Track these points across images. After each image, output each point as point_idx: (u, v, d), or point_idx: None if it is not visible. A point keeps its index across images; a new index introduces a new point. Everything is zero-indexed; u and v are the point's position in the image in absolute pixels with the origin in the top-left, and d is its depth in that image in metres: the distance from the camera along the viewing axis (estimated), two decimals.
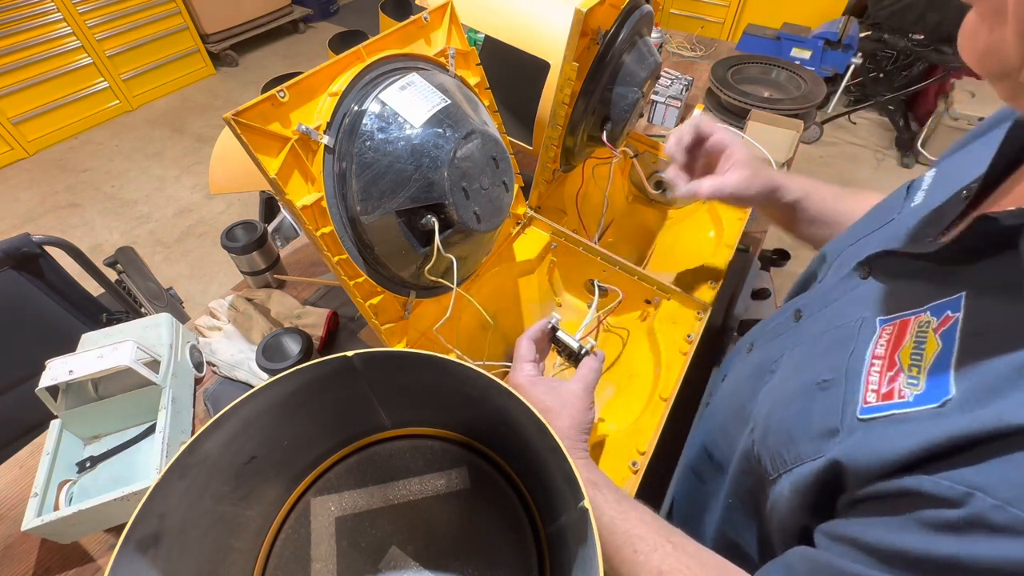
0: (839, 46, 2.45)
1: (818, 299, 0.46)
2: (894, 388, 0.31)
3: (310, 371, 0.41)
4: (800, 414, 0.37)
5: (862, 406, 0.32)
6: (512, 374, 0.52)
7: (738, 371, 0.54)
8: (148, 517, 0.34)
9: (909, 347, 0.32)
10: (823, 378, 0.37)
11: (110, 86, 2.91)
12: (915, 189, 0.45)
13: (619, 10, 0.69)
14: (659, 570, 0.37)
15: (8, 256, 0.92)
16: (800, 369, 0.41)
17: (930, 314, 0.32)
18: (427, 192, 0.50)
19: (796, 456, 0.36)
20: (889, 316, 0.35)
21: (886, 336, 0.34)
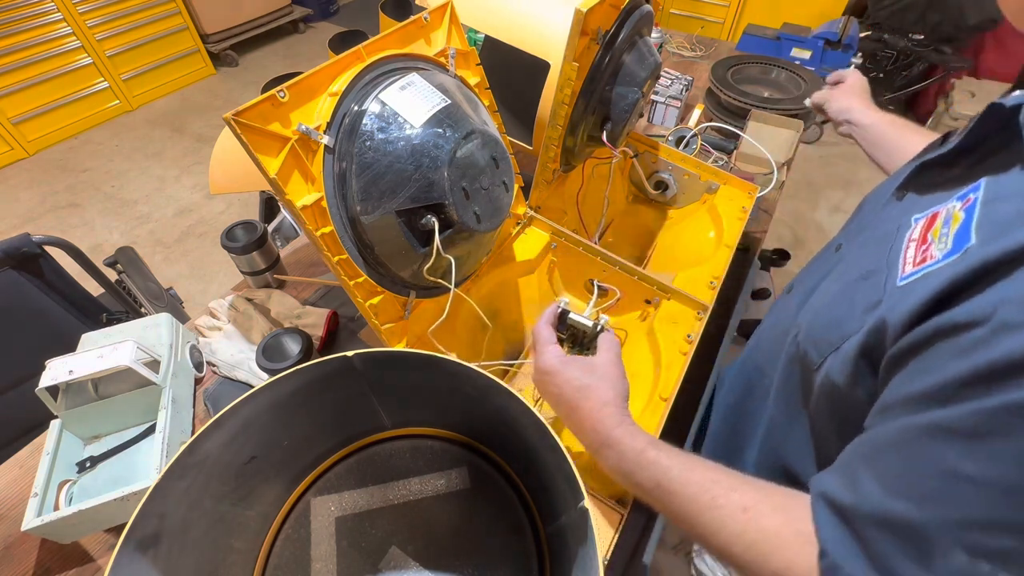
0: (839, 46, 2.44)
1: (855, 230, 0.52)
2: (927, 254, 0.35)
3: (310, 371, 0.41)
4: (846, 303, 0.41)
5: (901, 275, 0.36)
6: (539, 359, 0.51)
7: (780, 308, 0.62)
8: (148, 517, 0.34)
9: (938, 226, 0.36)
10: (866, 270, 0.41)
11: (110, 86, 2.91)
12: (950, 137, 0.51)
13: (619, 10, 0.69)
14: (743, 507, 0.38)
15: (8, 256, 0.92)
16: (842, 275, 0.46)
17: (956, 200, 0.36)
18: (427, 192, 0.50)
19: (842, 335, 0.40)
20: (922, 213, 0.39)
21: (920, 226, 0.38)
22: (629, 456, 0.43)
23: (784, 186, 1.10)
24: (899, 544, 0.30)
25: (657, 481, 0.42)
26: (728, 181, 0.93)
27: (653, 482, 0.42)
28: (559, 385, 0.49)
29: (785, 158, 1.09)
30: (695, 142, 1.15)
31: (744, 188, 0.92)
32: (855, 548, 0.32)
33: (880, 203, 0.51)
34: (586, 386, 0.48)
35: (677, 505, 0.40)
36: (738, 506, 0.38)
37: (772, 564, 0.35)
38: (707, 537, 0.39)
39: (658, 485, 0.41)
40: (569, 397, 0.48)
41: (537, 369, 0.51)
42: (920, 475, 0.29)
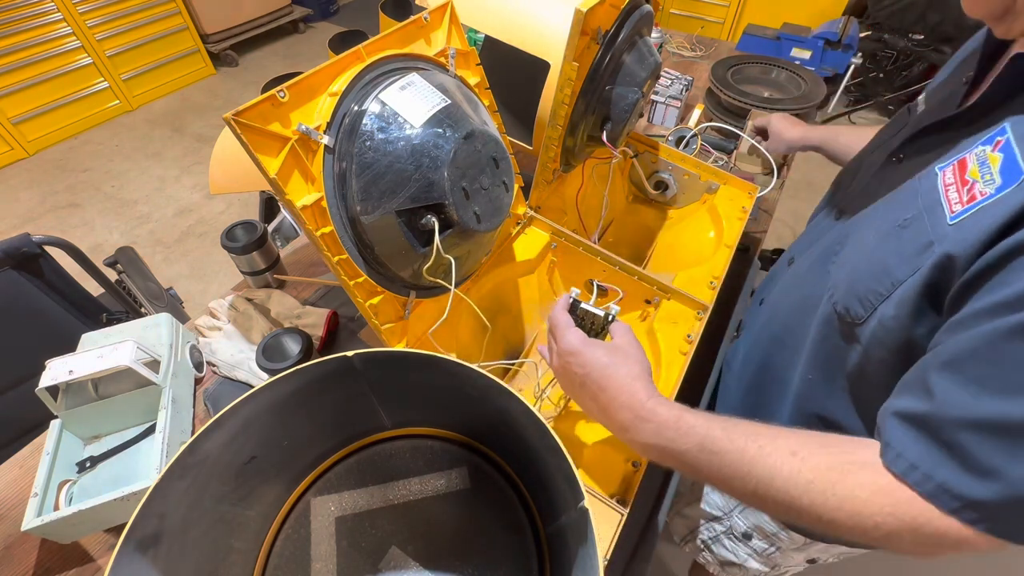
0: (839, 46, 2.45)
1: (858, 195, 0.53)
2: (975, 192, 0.36)
3: (310, 371, 0.41)
4: (890, 251, 0.42)
5: (950, 215, 0.38)
6: (563, 342, 0.50)
7: (785, 279, 0.62)
8: (148, 517, 0.34)
9: (975, 168, 0.37)
10: (903, 218, 0.42)
11: (110, 86, 2.91)
12: (914, 108, 0.54)
13: (619, 10, 0.69)
14: (791, 450, 0.38)
15: (8, 256, 0.92)
16: (874, 231, 0.46)
17: (982, 145, 0.38)
18: (427, 192, 0.50)
19: (893, 282, 0.41)
20: (945, 162, 0.40)
21: (950, 173, 0.39)
22: (669, 424, 0.43)
23: (784, 186, 1.10)
24: (999, 443, 0.30)
25: (701, 443, 0.42)
26: (728, 181, 0.93)
27: (697, 445, 0.42)
28: (584, 364, 0.48)
29: (785, 158, 1.09)
30: (695, 142, 1.15)
31: (744, 188, 0.92)
32: (941, 455, 0.32)
33: (871, 170, 0.52)
34: (613, 363, 0.48)
35: (725, 463, 0.40)
36: (786, 450, 0.38)
37: (838, 493, 0.36)
38: (761, 487, 0.39)
39: (702, 448, 0.41)
40: (597, 376, 0.47)
41: (561, 352, 0.50)
42: (1015, 371, 0.30)
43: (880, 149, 0.55)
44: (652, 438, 0.44)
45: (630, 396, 0.46)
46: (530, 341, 0.80)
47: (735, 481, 0.40)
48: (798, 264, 0.61)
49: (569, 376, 0.50)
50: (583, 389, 0.49)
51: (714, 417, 0.43)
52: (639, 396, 0.45)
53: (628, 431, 0.46)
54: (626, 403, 0.46)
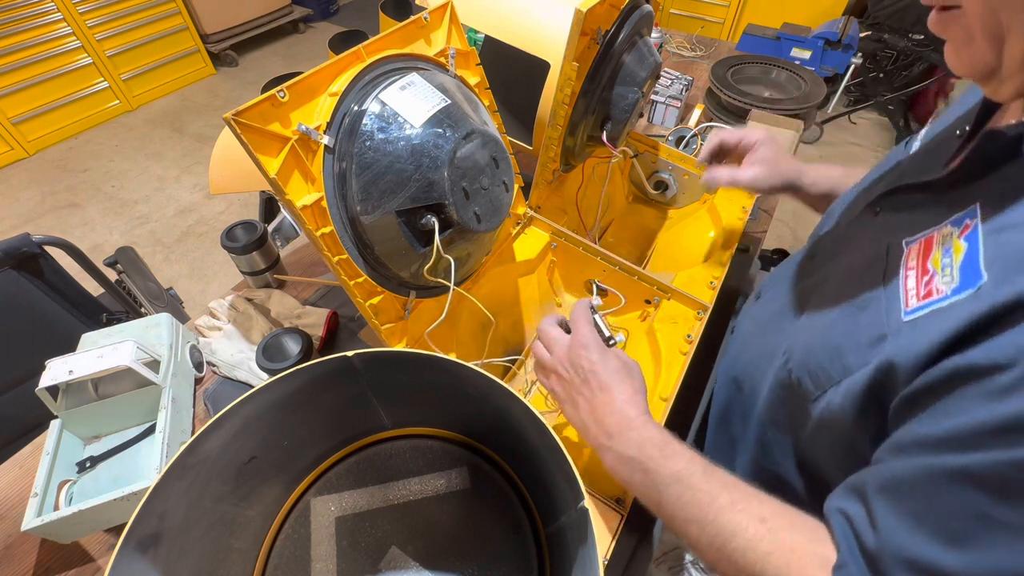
0: (839, 46, 2.45)
1: (832, 242, 0.50)
2: (932, 288, 0.34)
3: (310, 371, 0.41)
4: (845, 332, 0.40)
5: (905, 309, 0.35)
6: (581, 334, 0.50)
7: (752, 317, 0.59)
8: (148, 517, 0.34)
9: (938, 255, 0.35)
10: (861, 298, 0.40)
11: (110, 86, 2.91)
12: (912, 142, 0.51)
13: (619, 10, 0.69)
14: (761, 516, 0.38)
15: (8, 256, 0.92)
16: (835, 298, 0.44)
17: (951, 226, 0.35)
18: (427, 192, 0.50)
19: (844, 368, 0.39)
20: (913, 237, 0.38)
21: (915, 252, 0.37)
22: (655, 442, 0.43)
23: None
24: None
25: (678, 473, 0.41)
26: None
27: (673, 474, 0.41)
28: (594, 362, 0.48)
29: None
30: (695, 142, 1.15)
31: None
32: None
33: (851, 216, 0.49)
34: (621, 371, 0.48)
35: (693, 502, 0.40)
36: (757, 514, 0.38)
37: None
38: (719, 540, 0.38)
39: (678, 478, 0.41)
40: (604, 376, 0.47)
41: (576, 342, 0.50)
42: (950, 519, 0.29)
43: (865, 192, 0.51)
44: (634, 450, 0.44)
45: (627, 404, 0.46)
46: (530, 341, 0.80)
47: (694, 524, 0.40)
48: (765, 304, 0.58)
49: (575, 367, 0.49)
50: (584, 384, 0.48)
51: (699, 455, 0.43)
52: (639, 407, 0.46)
53: (612, 438, 0.45)
54: (620, 410, 0.46)
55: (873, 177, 0.52)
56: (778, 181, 0.67)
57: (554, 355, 0.52)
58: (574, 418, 0.49)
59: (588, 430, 0.48)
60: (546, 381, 0.53)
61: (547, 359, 0.52)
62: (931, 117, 0.59)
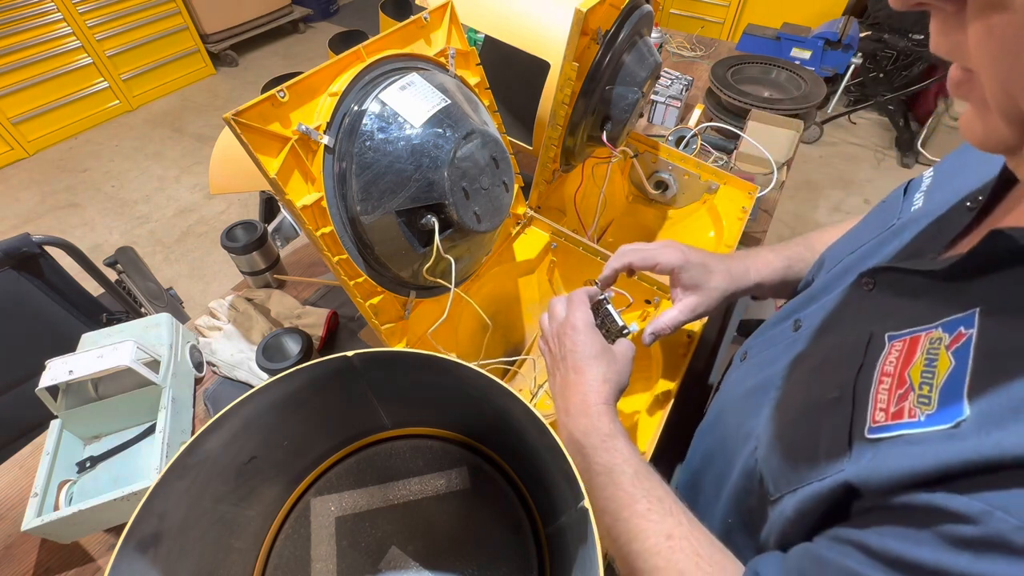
0: (839, 46, 2.45)
1: (819, 310, 0.45)
2: (904, 407, 0.30)
3: (310, 371, 0.41)
4: (806, 435, 0.36)
5: (871, 425, 0.31)
6: (573, 314, 0.51)
7: (734, 381, 0.54)
8: (148, 517, 0.34)
9: (920, 364, 0.31)
10: (830, 396, 0.35)
11: (110, 86, 2.91)
12: (913, 190, 0.45)
13: (619, 10, 0.69)
14: (668, 533, 0.38)
15: (8, 256, 0.92)
16: (806, 387, 0.40)
17: (942, 330, 0.31)
18: (427, 192, 0.50)
19: (801, 477, 0.35)
20: (899, 332, 0.34)
21: (896, 352, 0.33)
22: (602, 432, 0.44)
23: (784, 186, 1.10)
24: None
25: (610, 468, 0.42)
26: (728, 181, 0.93)
27: (606, 466, 0.42)
28: (576, 343, 0.49)
29: (785, 158, 1.09)
30: (695, 142, 1.15)
31: (744, 188, 0.92)
32: None
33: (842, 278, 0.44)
34: (598, 358, 0.49)
35: (613, 497, 0.41)
36: (666, 531, 0.38)
37: None
38: (621, 539, 0.39)
39: (608, 471, 0.42)
40: (579, 358, 0.49)
41: (566, 321, 0.52)
42: None
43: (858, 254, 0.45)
44: (580, 434, 0.45)
45: (591, 390, 0.47)
46: (530, 341, 0.80)
47: (608, 516, 0.41)
48: (748, 367, 0.52)
49: (558, 344, 0.52)
50: (562, 361, 0.51)
51: (639, 458, 0.43)
52: (600, 396, 0.47)
53: (568, 416, 0.47)
54: (583, 392, 0.47)
55: (869, 233, 0.45)
56: (717, 302, 0.57)
57: (551, 328, 0.54)
58: (551, 388, 0.52)
59: (556, 403, 0.50)
60: (543, 348, 0.56)
61: (545, 329, 0.56)
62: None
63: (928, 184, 0.44)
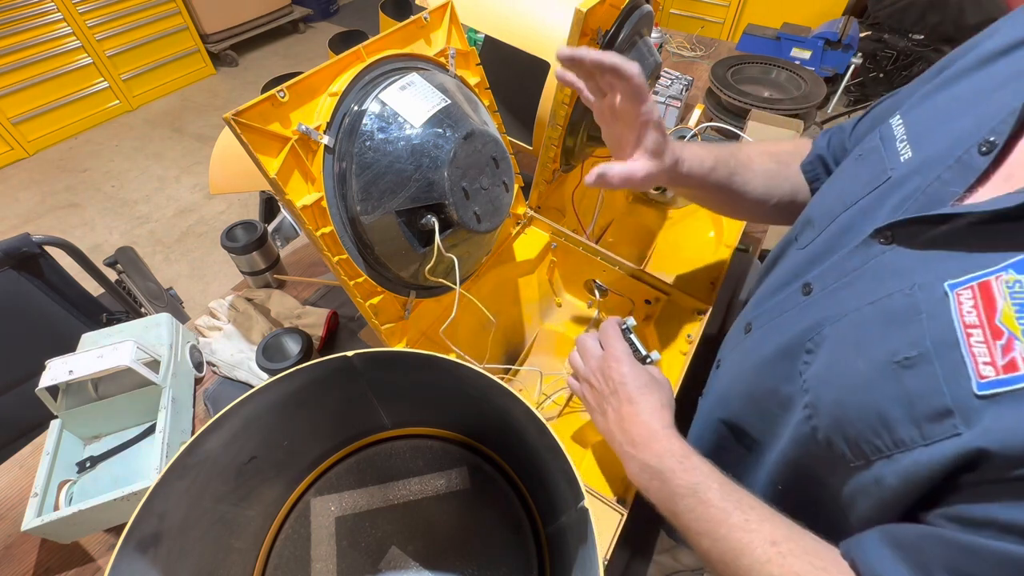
0: (839, 46, 2.45)
1: (832, 271, 0.42)
2: (1015, 358, 0.28)
3: (310, 371, 0.41)
4: (890, 398, 0.34)
5: (978, 381, 0.29)
6: (611, 348, 0.52)
7: (746, 351, 0.52)
8: (148, 517, 0.34)
9: (1010, 311, 0.28)
10: (904, 355, 0.33)
11: (110, 86, 2.91)
12: (890, 139, 0.42)
13: (619, 10, 0.69)
14: (773, 539, 0.37)
15: (8, 256, 0.92)
16: (860, 348, 0.37)
17: (1014, 272, 0.29)
18: (427, 192, 0.50)
19: (895, 441, 0.33)
20: (959, 280, 0.31)
21: (968, 302, 0.30)
22: (676, 453, 0.44)
23: None
24: None
25: (695, 487, 0.41)
26: None
27: (690, 486, 0.41)
28: (624, 375, 0.50)
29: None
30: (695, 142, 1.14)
31: None
32: None
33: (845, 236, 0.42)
34: (649, 385, 0.49)
35: (706, 516, 0.40)
36: (768, 537, 0.37)
37: None
38: (728, 556, 0.38)
39: (694, 491, 0.41)
40: (632, 389, 0.49)
41: (608, 355, 0.52)
42: None
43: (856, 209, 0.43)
44: (654, 460, 0.45)
45: (652, 417, 0.47)
46: (530, 341, 0.80)
47: (706, 538, 0.40)
48: (758, 337, 0.50)
49: (605, 379, 0.51)
50: (613, 396, 0.50)
51: (718, 471, 0.43)
52: (663, 421, 0.47)
53: (636, 447, 0.46)
54: (647, 421, 0.47)
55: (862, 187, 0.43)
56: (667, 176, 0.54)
57: (588, 366, 0.54)
58: (603, 426, 0.51)
59: (614, 438, 0.49)
60: (578, 388, 0.55)
61: (581, 368, 0.55)
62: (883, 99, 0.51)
63: (903, 132, 0.42)
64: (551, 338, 0.81)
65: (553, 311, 0.85)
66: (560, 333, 0.82)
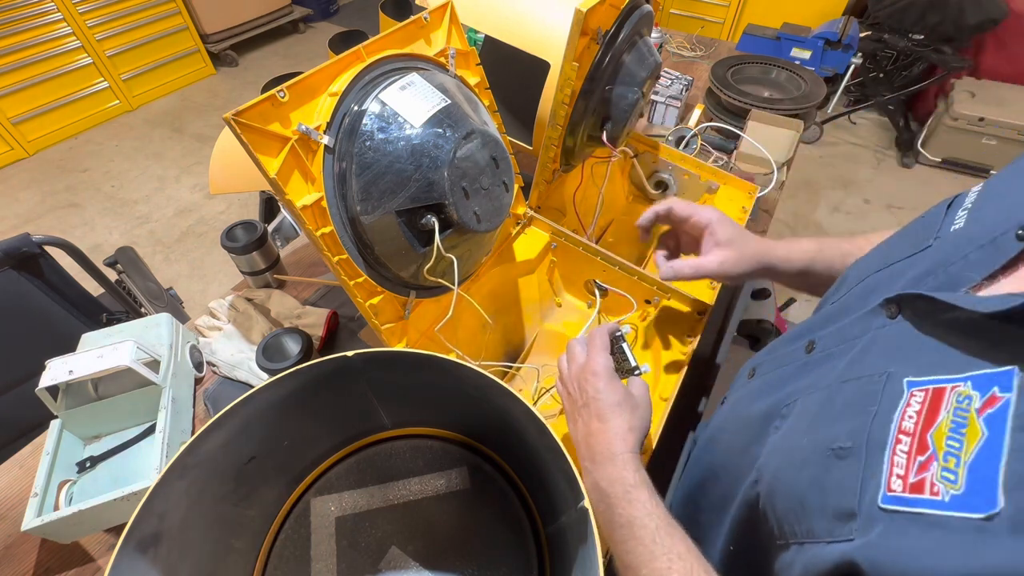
0: (839, 46, 2.45)
1: (836, 334, 0.41)
2: (925, 479, 0.26)
3: (310, 371, 0.41)
4: (813, 483, 0.33)
5: (885, 493, 0.28)
6: (594, 359, 0.51)
7: (740, 400, 0.52)
8: (148, 517, 0.34)
9: (944, 428, 0.27)
10: (840, 444, 0.32)
11: (110, 86, 2.91)
12: (956, 207, 0.38)
13: (619, 10, 0.69)
14: None
15: (8, 256, 0.92)
16: (814, 424, 0.36)
17: (971, 386, 0.27)
18: (427, 192, 0.50)
19: (808, 531, 0.32)
20: (920, 380, 0.30)
21: (915, 405, 0.29)
22: (626, 483, 0.43)
23: (784, 186, 1.10)
24: None
25: (631, 521, 0.41)
26: (728, 181, 0.93)
27: (627, 519, 0.42)
28: (599, 390, 0.49)
29: (785, 158, 1.09)
30: (695, 142, 1.15)
31: (744, 188, 0.92)
32: None
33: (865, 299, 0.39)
34: (622, 405, 0.48)
35: (634, 552, 0.40)
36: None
37: None
38: None
39: (630, 525, 0.41)
40: (603, 406, 0.48)
41: (587, 367, 0.51)
42: None
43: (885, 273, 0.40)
44: (604, 483, 0.44)
45: (616, 438, 0.46)
46: (530, 341, 0.80)
47: (630, 571, 0.40)
48: (755, 386, 0.50)
49: (580, 389, 0.51)
50: (584, 408, 0.50)
51: (663, 512, 0.42)
52: (625, 444, 0.46)
53: (595, 464, 0.46)
54: (609, 441, 0.46)
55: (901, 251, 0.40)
56: (748, 266, 0.58)
57: (570, 372, 0.54)
58: (572, 433, 0.51)
59: (579, 449, 0.49)
60: (561, 390, 0.55)
61: (564, 373, 0.55)
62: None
63: (973, 201, 0.37)
64: (551, 338, 0.81)
65: (553, 311, 0.85)
66: (560, 333, 0.82)
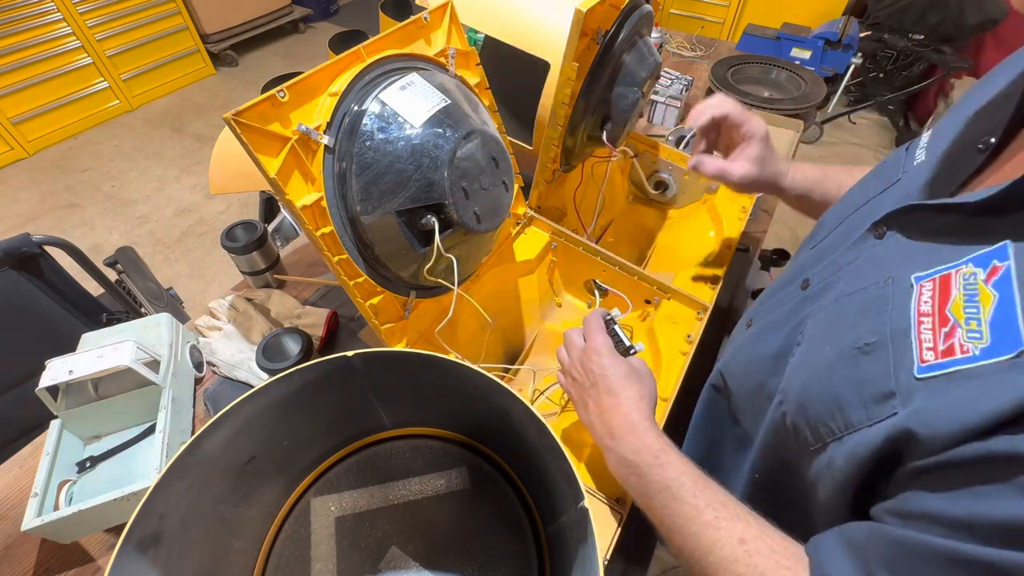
0: (839, 46, 2.45)
1: (829, 266, 0.44)
2: (953, 344, 0.29)
3: (310, 371, 0.41)
4: (846, 381, 0.35)
5: (919, 365, 0.30)
6: (592, 341, 0.52)
7: (742, 346, 0.54)
8: (148, 517, 0.34)
9: (959, 301, 0.30)
10: (864, 342, 0.35)
11: (110, 86, 2.91)
12: (914, 148, 0.44)
13: (619, 10, 0.69)
14: (741, 537, 0.37)
15: (8, 256, 0.92)
16: (831, 336, 0.39)
17: (972, 265, 0.30)
18: (427, 192, 0.50)
19: (846, 423, 0.34)
20: (925, 273, 0.33)
21: (928, 292, 0.32)
22: (652, 448, 0.44)
23: None
24: None
25: (668, 483, 0.42)
26: None
27: (663, 482, 0.42)
28: (604, 367, 0.50)
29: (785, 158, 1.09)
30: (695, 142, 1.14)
31: None
32: None
33: (850, 234, 0.43)
34: (629, 376, 0.49)
35: (678, 513, 0.40)
36: (737, 535, 0.37)
37: None
38: (697, 554, 0.39)
39: (667, 487, 0.41)
40: (612, 381, 0.49)
41: (589, 348, 0.52)
42: None
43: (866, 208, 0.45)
44: (631, 454, 0.45)
45: (631, 409, 0.47)
46: (530, 341, 0.80)
47: (678, 534, 0.40)
48: (756, 332, 0.52)
49: (586, 372, 0.52)
50: (593, 388, 0.50)
51: (693, 467, 0.43)
52: (642, 413, 0.47)
53: (614, 439, 0.47)
54: (625, 413, 0.47)
55: (874, 189, 0.45)
56: (762, 187, 0.65)
57: (571, 359, 0.54)
58: (584, 419, 0.52)
59: (595, 430, 0.50)
60: (564, 382, 0.56)
61: (565, 361, 0.56)
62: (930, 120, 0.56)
63: (927, 141, 0.43)
64: (551, 338, 0.81)
65: (553, 311, 0.85)
66: (560, 333, 0.82)
